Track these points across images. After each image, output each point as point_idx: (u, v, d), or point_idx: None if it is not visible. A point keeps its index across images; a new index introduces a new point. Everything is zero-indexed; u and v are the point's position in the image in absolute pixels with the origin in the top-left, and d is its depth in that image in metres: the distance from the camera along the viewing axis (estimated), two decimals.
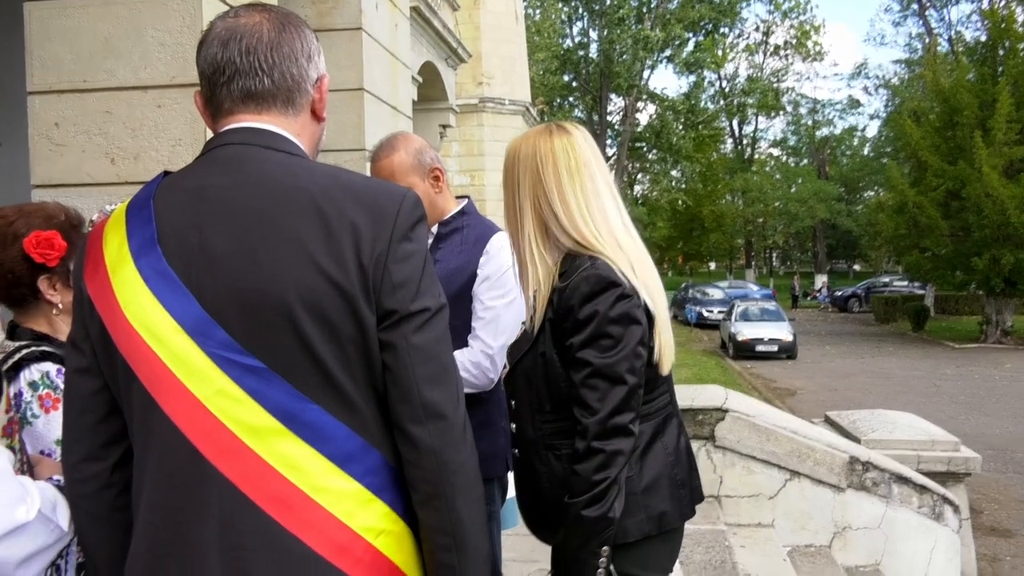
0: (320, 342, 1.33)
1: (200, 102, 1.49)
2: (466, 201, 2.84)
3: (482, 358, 2.55)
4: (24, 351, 1.95)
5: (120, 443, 1.45)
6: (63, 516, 1.44)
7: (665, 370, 2.10)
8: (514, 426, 2.13)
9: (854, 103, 55.67)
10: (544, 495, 2.05)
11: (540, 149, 2.07)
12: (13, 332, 2.05)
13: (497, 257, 2.64)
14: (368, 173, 5.78)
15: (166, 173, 1.47)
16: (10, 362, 1.93)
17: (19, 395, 1.90)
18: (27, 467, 1.64)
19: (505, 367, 2.27)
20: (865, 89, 64.46)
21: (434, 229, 2.75)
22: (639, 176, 54.57)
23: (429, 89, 12.14)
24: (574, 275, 1.96)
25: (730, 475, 5.70)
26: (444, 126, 13.67)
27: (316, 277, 1.32)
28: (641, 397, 1.98)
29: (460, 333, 2.58)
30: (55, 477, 1.60)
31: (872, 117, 69.14)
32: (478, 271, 2.64)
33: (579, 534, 1.89)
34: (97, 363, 1.42)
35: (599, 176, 2.10)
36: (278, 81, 1.44)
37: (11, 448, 1.55)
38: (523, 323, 2.26)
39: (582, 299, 1.92)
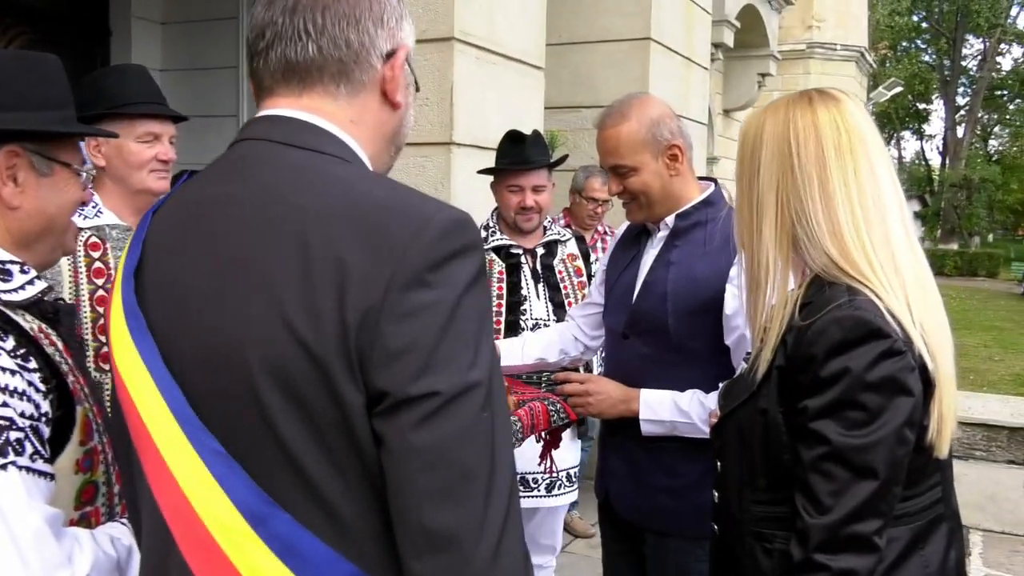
0: (287, 424, 0.95)
1: (251, 82, 1.18)
2: (712, 188, 2.26)
3: None
4: None
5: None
6: (134, 573, 1.28)
7: (943, 452, 1.47)
8: (716, 495, 1.66)
9: None
10: None
11: (796, 124, 1.49)
12: None
13: None
14: None
15: (190, 174, 1.18)
16: None
17: None
18: (117, 500, 1.46)
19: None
20: None
21: (669, 222, 2.22)
22: (995, 129, 47.91)
23: (747, 35, 11.33)
24: (822, 312, 1.41)
25: None
26: (763, 75, 12.87)
27: (282, 335, 0.95)
28: (897, 497, 1.40)
29: (701, 356, 2.13)
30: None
31: None
32: (728, 287, 2.08)
33: None
34: None
35: (880, 163, 1.49)
36: (327, 49, 1.09)
37: (92, 482, 1.35)
38: (745, 357, 1.74)
39: (830, 349, 1.38)
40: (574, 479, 3.24)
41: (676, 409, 2.11)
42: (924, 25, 41.54)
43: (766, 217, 1.51)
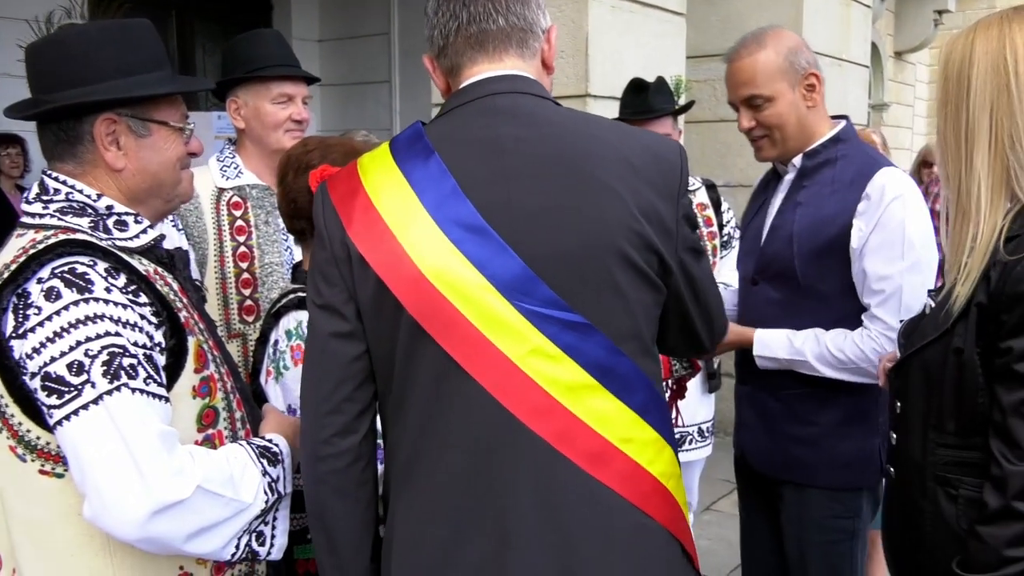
0: (635, 295, 1.31)
1: (429, 61, 1.42)
2: (843, 124, 2.13)
3: (885, 342, 1.94)
4: (288, 296, 1.82)
5: (369, 413, 1.37)
6: (248, 487, 1.36)
7: None
8: (895, 437, 1.60)
9: None
10: (924, 543, 1.52)
11: (1014, 40, 1.41)
12: (295, 273, 1.95)
13: (883, 205, 1.95)
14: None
15: (421, 124, 1.39)
16: (275, 308, 1.82)
17: (275, 344, 1.79)
18: (251, 422, 1.56)
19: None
20: None
21: (796, 162, 2.10)
22: None
23: None
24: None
25: None
26: (940, 11, 11.93)
27: (632, 230, 1.29)
28: None
29: (830, 299, 2.04)
30: (263, 438, 1.50)
31: None
32: (855, 221, 1.97)
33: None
34: (361, 327, 1.33)
35: None
36: (512, 21, 1.36)
37: (212, 407, 1.45)
38: (930, 293, 1.65)
39: None
40: (707, 434, 3.14)
41: (788, 345, 2.05)
42: None
43: (978, 142, 1.43)
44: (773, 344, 2.08)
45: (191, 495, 1.25)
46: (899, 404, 1.57)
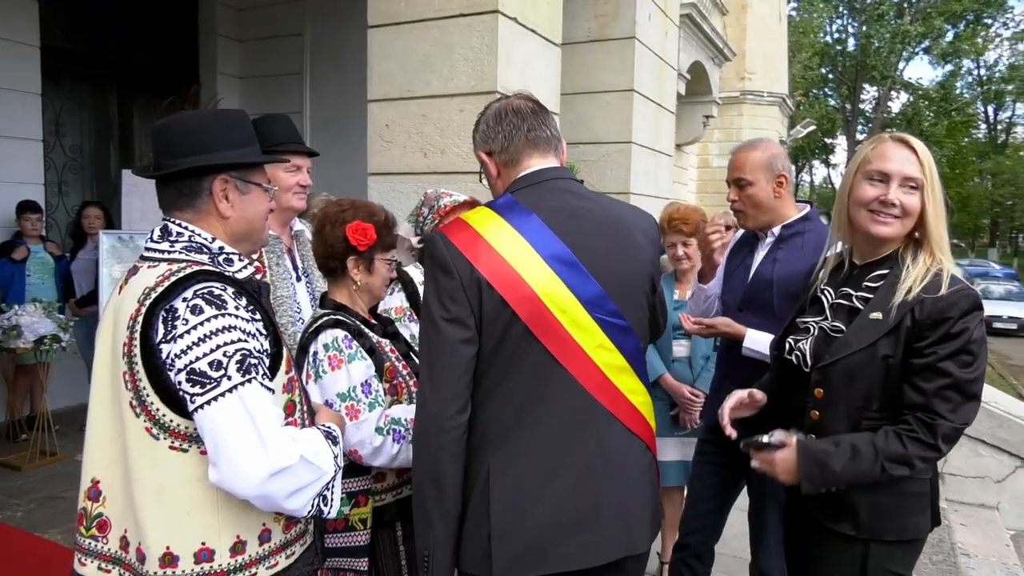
0: (647, 309, 1.70)
1: (487, 155, 1.70)
2: (809, 208, 2.48)
3: None
4: (324, 318, 1.96)
5: (468, 395, 1.54)
6: (325, 459, 1.43)
7: None
8: (816, 414, 1.78)
9: None
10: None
11: (930, 156, 1.75)
12: (323, 300, 2.09)
13: None
14: (633, 162, 5.43)
15: (511, 194, 1.64)
16: (314, 326, 1.96)
17: (315, 353, 1.92)
18: (308, 414, 1.63)
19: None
20: None
21: (776, 231, 2.44)
22: None
23: (696, 84, 11.53)
24: (947, 289, 1.63)
25: (956, 455, 4.83)
26: (707, 116, 12.98)
27: (646, 269, 1.67)
28: None
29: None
30: (325, 424, 1.58)
31: None
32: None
33: (859, 471, 1.64)
34: (478, 334, 1.52)
35: None
36: (553, 132, 1.70)
37: (292, 401, 1.52)
38: (816, 322, 1.87)
39: (960, 314, 1.61)
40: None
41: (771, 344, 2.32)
42: (830, 76, 42.03)
43: (941, 221, 1.74)
44: (760, 341, 2.33)
45: (296, 462, 1.33)
46: (821, 391, 1.74)
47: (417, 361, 2.13)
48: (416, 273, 2.63)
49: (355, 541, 1.94)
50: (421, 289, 2.60)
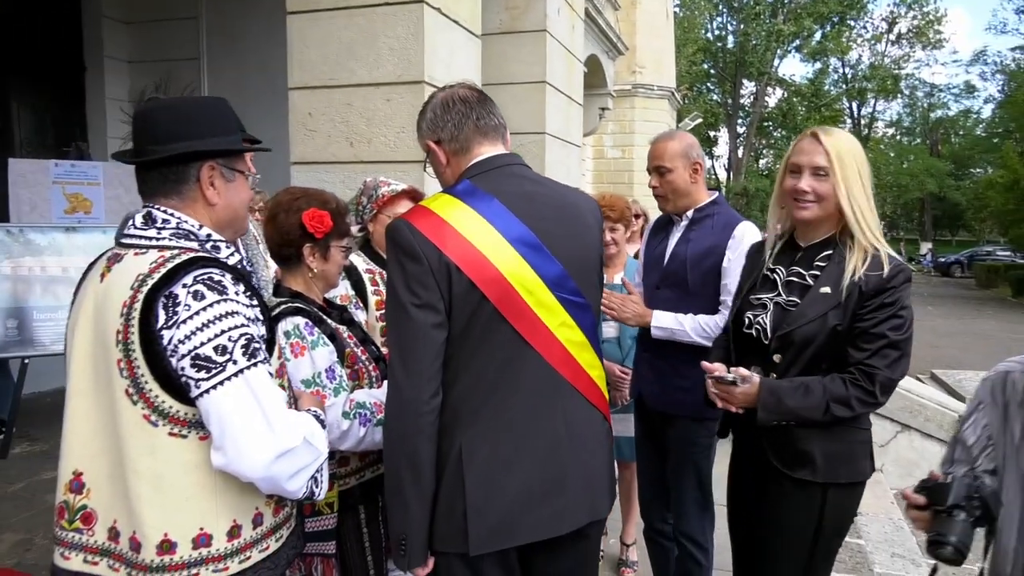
0: (600, 287, 1.80)
1: (443, 152, 1.72)
2: (717, 194, 2.71)
3: (722, 322, 2.44)
4: (282, 306, 1.97)
5: (440, 378, 1.57)
6: (320, 441, 1.46)
7: None
8: (773, 376, 1.97)
9: (970, 88, 49.68)
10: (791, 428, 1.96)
11: (841, 146, 1.94)
12: (277, 288, 2.09)
13: (742, 243, 2.49)
14: (547, 152, 5.57)
15: (469, 180, 1.67)
16: (272, 314, 1.96)
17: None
18: (292, 400, 1.66)
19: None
20: (982, 75, 56.35)
21: (689, 214, 2.65)
22: (764, 151, 51.46)
23: (592, 77, 11.79)
24: (888, 265, 1.87)
25: None
26: (603, 108, 13.26)
27: (597, 249, 1.77)
28: None
29: (702, 298, 2.60)
30: (312, 408, 1.61)
31: (986, 101, 61.00)
32: (726, 252, 2.54)
33: (808, 406, 1.86)
34: (447, 318, 1.54)
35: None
36: (499, 120, 1.76)
37: (281, 387, 1.53)
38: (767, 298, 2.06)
39: (899, 285, 1.86)
40: None
41: (675, 321, 2.56)
42: (712, 72, 44.13)
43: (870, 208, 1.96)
44: (664, 321, 2.58)
45: (300, 443, 1.37)
46: (780, 356, 1.95)
47: (375, 347, 2.18)
48: (359, 261, 2.66)
49: (322, 525, 1.96)
50: (365, 277, 2.64)
